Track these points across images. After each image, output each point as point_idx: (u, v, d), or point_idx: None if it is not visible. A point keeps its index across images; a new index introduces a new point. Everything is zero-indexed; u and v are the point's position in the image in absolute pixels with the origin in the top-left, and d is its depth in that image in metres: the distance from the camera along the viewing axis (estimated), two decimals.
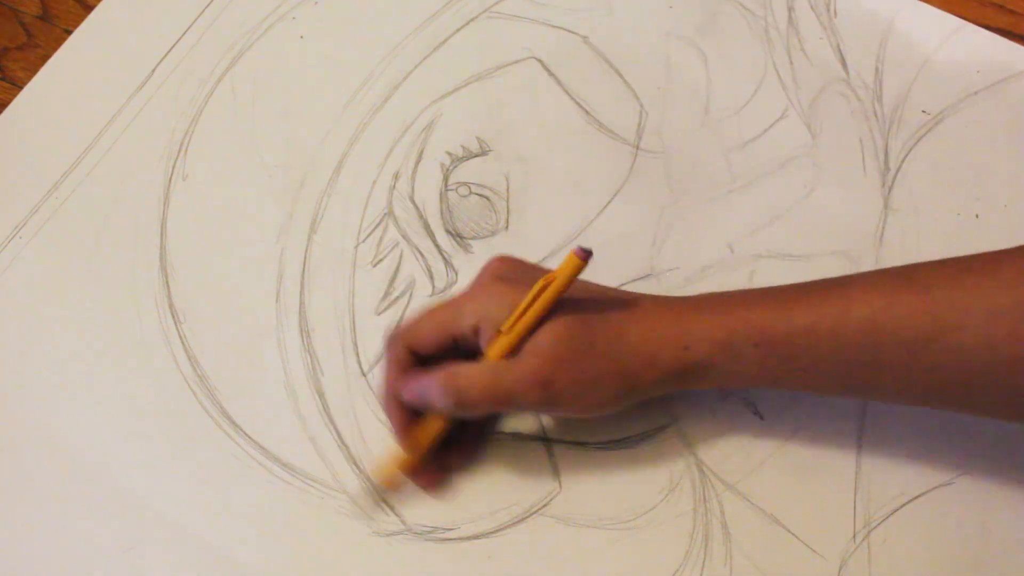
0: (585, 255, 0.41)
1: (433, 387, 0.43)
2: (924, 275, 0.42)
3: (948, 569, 0.46)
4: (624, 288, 0.48)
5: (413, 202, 0.54)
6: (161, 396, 0.49)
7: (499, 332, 0.43)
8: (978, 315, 0.39)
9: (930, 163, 0.55)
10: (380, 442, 0.48)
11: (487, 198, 0.54)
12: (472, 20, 0.59)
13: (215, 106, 0.56)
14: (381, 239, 0.53)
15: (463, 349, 0.45)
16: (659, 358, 0.43)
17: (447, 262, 0.52)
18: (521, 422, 0.49)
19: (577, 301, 0.43)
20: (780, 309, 0.42)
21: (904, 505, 0.47)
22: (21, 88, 0.57)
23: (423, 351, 0.45)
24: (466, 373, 0.43)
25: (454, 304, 0.45)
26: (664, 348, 0.43)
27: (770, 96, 0.57)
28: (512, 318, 0.42)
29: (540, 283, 0.42)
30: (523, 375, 0.42)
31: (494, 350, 0.43)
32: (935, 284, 0.41)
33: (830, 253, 0.52)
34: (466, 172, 0.54)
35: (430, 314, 0.45)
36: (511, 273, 0.45)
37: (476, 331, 0.43)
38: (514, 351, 0.43)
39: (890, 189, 0.54)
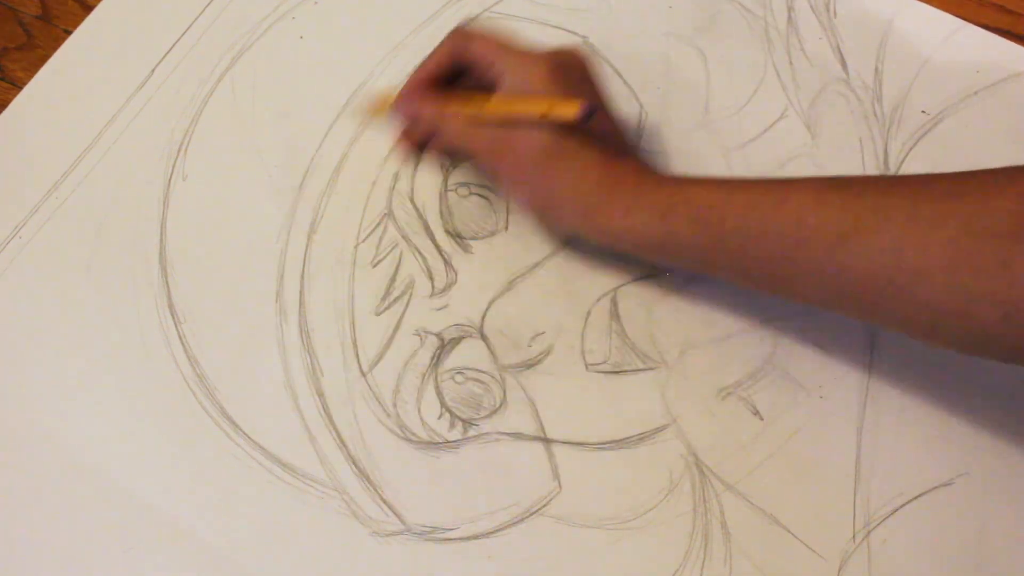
0: (585, 116, 0.45)
1: (440, 118, 0.50)
2: (860, 183, 0.43)
3: (948, 569, 0.46)
4: (627, 286, 0.50)
5: (413, 202, 0.54)
6: (161, 396, 0.49)
7: (498, 98, 0.48)
8: (896, 221, 0.40)
9: (930, 163, 0.55)
10: (380, 442, 0.48)
11: (487, 198, 0.54)
12: (472, 20, 0.59)
13: (215, 106, 0.56)
14: (381, 239, 0.53)
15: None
16: (597, 215, 0.46)
17: (447, 262, 0.52)
18: (521, 422, 0.49)
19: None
20: (722, 193, 0.44)
21: (904, 505, 0.47)
22: (21, 88, 0.57)
23: (463, 61, 0.50)
24: (459, 122, 0.49)
25: (509, 52, 0.49)
26: (604, 208, 0.46)
27: (770, 96, 0.57)
28: (507, 100, 0.47)
29: (542, 109, 0.46)
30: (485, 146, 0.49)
31: (487, 107, 0.48)
32: (868, 191, 0.42)
33: None
34: (466, 172, 0.54)
35: (497, 42, 0.49)
36: (562, 67, 0.48)
37: (501, 78, 0.48)
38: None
39: None
